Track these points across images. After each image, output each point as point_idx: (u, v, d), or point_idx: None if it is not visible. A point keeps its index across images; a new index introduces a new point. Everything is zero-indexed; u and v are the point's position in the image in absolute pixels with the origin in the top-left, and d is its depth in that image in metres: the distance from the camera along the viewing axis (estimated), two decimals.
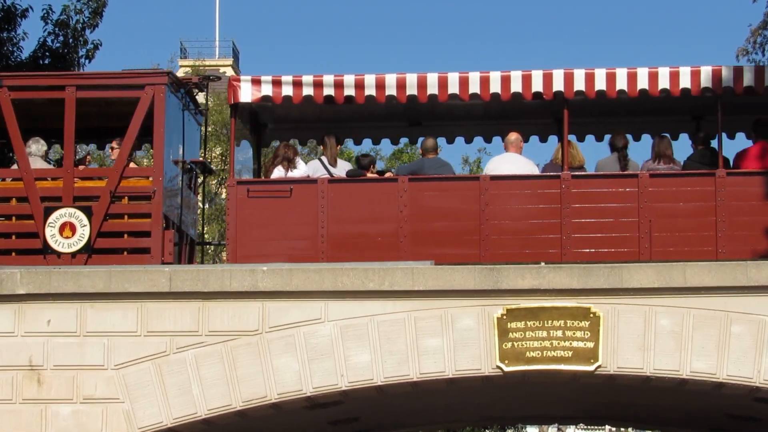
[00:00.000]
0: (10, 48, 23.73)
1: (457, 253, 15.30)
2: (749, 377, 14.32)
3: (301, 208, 15.70)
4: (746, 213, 15.30)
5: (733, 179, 15.44)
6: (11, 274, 14.74)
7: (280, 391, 14.56)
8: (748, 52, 30.25)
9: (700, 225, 15.32)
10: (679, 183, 15.54)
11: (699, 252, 15.11)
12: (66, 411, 14.62)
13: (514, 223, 15.51)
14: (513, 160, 16.13)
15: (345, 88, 15.79)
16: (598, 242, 15.35)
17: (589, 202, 15.47)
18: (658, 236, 15.28)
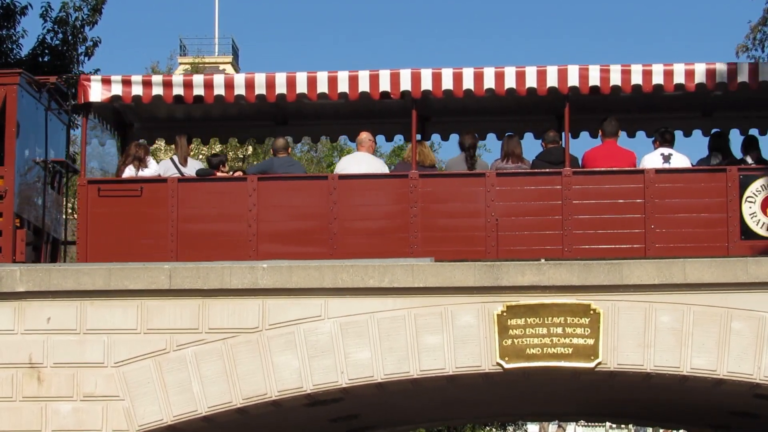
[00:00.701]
0: (10, 45, 23.71)
1: (307, 251, 15.33)
2: (749, 374, 14.32)
3: (151, 207, 15.74)
4: (592, 211, 15.32)
5: (579, 178, 15.44)
6: (11, 272, 14.74)
7: (281, 389, 14.56)
8: (747, 49, 30.28)
9: (547, 223, 15.32)
10: (526, 182, 15.55)
11: (545, 251, 15.10)
12: (66, 409, 14.62)
13: (363, 222, 15.52)
14: (362, 160, 16.13)
15: (194, 88, 15.84)
16: (446, 241, 15.34)
17: (438, 201, 15.48)
18: (504, 235, 15.29)
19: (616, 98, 15.98)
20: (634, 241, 15.19)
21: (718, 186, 15.25)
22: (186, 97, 15.90)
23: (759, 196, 15.16)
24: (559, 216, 15.30)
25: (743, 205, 15.16)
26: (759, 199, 15.16)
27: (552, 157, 15.87)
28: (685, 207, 15.28)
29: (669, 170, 15.55)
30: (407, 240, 15.36)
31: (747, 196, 15.16)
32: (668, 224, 15.22)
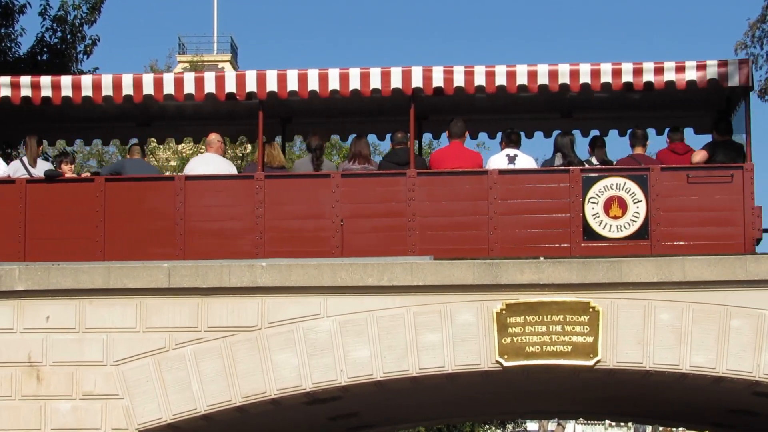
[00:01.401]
0: (8, 44, 23.71)
1: (157, 252, 15.31)
2: (749, 371, 14.32)
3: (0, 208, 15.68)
4: (437, 213, 15.29)
5: (424, 179, 15.42)
6: (10, 271, 14.74)
7: (280, 387, 14.56)
8: (746, 46, 30.24)
9: (393, 224, 15.30)
10: (372, 183, 15.54)
11: (391, 251, 15.09)
12: (65, 407, 14.62)
13: (210, 223, 15.49)
14: (210, 161, 16.14)
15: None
16: (291, 242, 15.33)
17: (284, 202, 15.48)
18: (351, 236, 15.28)
19: (479, 99, 16.01)
20: (479, 242, 15.17)
21: (561, 187, 15.26)
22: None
23: (602, 197, 15.17)
24: (404, 217, 15.30)
25: (586, 206, 15.18)
26: (602, 200, 15.17)
27: (398, 158, 15.89)
28: (529, 208, 15.28)
29: (513, 171, 15.54)
30: (253, 241, 15.34)
31: (590, 197, 15.17)
32: (512, 225, 15.20)
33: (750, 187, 15.09)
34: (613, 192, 15.15)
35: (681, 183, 15.21)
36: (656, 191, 15.13)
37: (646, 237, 15.06)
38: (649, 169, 15.27)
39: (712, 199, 15.16)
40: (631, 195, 15.15)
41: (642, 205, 15.12)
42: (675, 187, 15.19)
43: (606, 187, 15.18)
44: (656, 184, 15.15)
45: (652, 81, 15.25)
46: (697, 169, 15.28)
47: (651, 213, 15.10)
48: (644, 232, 15.09)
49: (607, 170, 15.51)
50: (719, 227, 15.08)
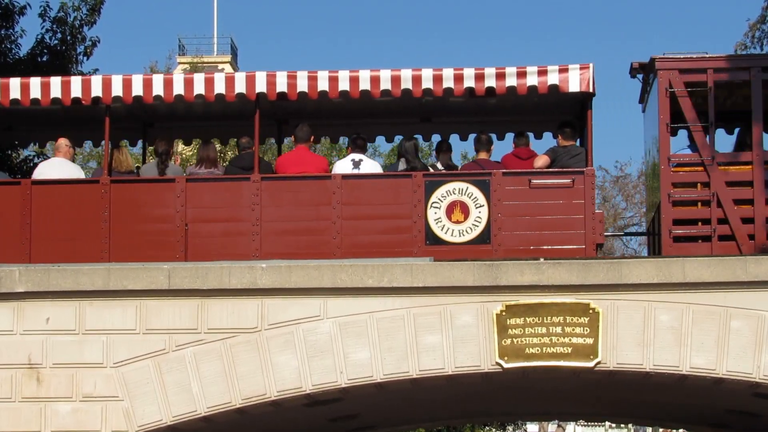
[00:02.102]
0: (8, 45, 23.73)
1: (4, 254, 15.30)
2: (749, 373, 14.31)
3: None
4: (283, 217, 15.34)
5: (268, 184, 15.45)
6: (10, 272, 14.74)
7: (280, 389, 14.56)
8: (746, 47, 30.29)
9: (238, 228, 15.32)
10: (217, 187, 15.60)
11: (236, 255, 15.13)
12: (65, 409, 14.62)
13: (57, 226, 15.47)
14: (57, 165, 16.13)
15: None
16: (137, 246, 15.32)
17: (130, 206, 15.49)
18: (196, 240, 15.30)
19: (339, 103, 16.03)
20: (324, 246, 15.22)
21: (404, 191, 15.29)
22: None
23: (444, 202, 15.23)
24: (249, 222, 15.33)
25: (428, 210, 15.22)
26: (444, 205, 15.23)
27: (243, 163, 15.98)
28: (373, 212, 15.33)
29: (356, 176, 15.59)
30: (99, 245, 15.35)
31: (432, 201, 15.22)
32: (356, 230, 15.26)
33: (591, 192, 15.19)
34: (455, 197, 15.23)
35: (523, 188, 15.29)
36: (498, 196, 15.20)
37: (488, 241, 15.15)
38: (491, 173, 15.33)
39: (554, 204, 15.22)
40: (473, 200, 15.22)
41: (484, 210, 15.20)
42: (517, 192, 15.26)
43: (448, 191, 15.25)
44: (498, 188, 15.22)
45: (494, 86, 15.32)
46: (539, 174, 15.37)
47: (493, 217, 15.17)
48: (486, 237, 15.16)
49: (450, 175, 15.64)
50: (561, 232, 15.14)
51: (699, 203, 15.43)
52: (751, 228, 15.21)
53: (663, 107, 15.57)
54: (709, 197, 15.31)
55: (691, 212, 15.42)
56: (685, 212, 15.42)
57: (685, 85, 15.52)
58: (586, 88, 15.25)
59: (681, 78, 15.52)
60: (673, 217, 15.37)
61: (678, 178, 15.50)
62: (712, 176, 15.33)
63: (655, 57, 15.66)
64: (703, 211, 15.36)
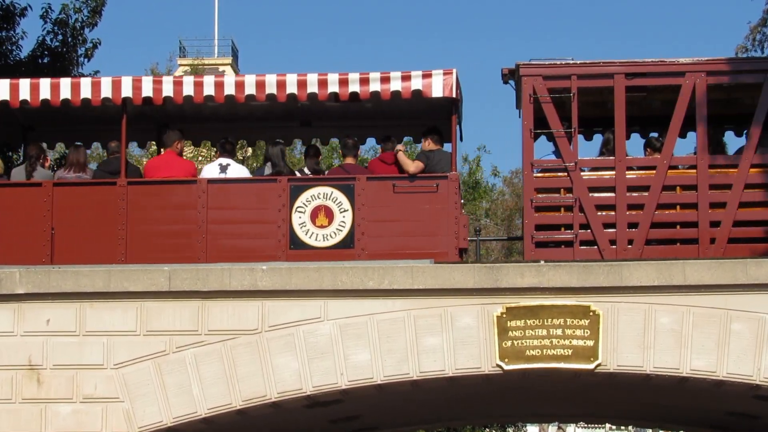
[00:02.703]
0: (9, 47, 23.73)
1: None
2: (749, 375, 14.31)
3: None
4: (151, 221, 15.41)
5: (135, 188, 15.51)
6: (10, 274, 14.75)
7: (280, 390, 14.56)
8: (747, 50, 30.28)
9: (106, 233, 15.36)
10: (85, 192, 15.62)
11: (103, 259, 15.17)
12: (66, 410, 14.62)
13: None
14: None
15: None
16: (9, 250, 15.33)
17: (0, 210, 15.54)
18: (63, 244, 15.32)
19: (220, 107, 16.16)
20: (191, 250, 15.27)
21: (270, 196, 15.38)
22: None
23: (309, 207, 15.32)
24: (117, 226, 15.36)
25: (293, 215, 15.32)
26: (309, 210, 15.32)
27: (111, 167, 16.06)
28: (238, 217, 15.39)
29: (222, 180, 15.67)
30: None
31: (297, 206, 15.32)
32: (223, 234, 15.30)
33: (455, 197, 15.27)
34: (320, 201, 15.33)
35: (387, 193, 15.36)
36: (362, 201, 15.27)
37: (351, 246, 15.24)
38: (355, 178, 15.42)
39: (418, 208, 15.30)
40: (337, 204, 15.32)
41: (348, 215, 15.29)
42: (381, 197, 15.34)
43: (313, 196, 15.36)
44: (362, 193, 15.30)
45: (358, 92, 15.41)
46: (402, 179, 15.44)
47: (357, 222, 15.24)
48: (350, 241, 15.25)
49: (315, 180, 15.76)
50: (426, 236, 15.21)
51: (562, 208, 15.51)
52: (612, 233, 15.28)
53: (526, 113, 15.65)
54: (572, 203, 15.39)
55: (552, 217, 15.51)
56: (547, 218, 15.51)
57: (549, 91, 15.60)
58: (450, 93, 15.36)
59: (545, 84, 15.61)
60: (536, 223, 15.45)
61: (541, 183, 15.59)
62: (575, 182, 15.42)
63: (520, 63, 15.77)
64: (566, 217, 15.44)
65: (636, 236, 15.22)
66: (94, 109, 16.05)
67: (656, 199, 15.28)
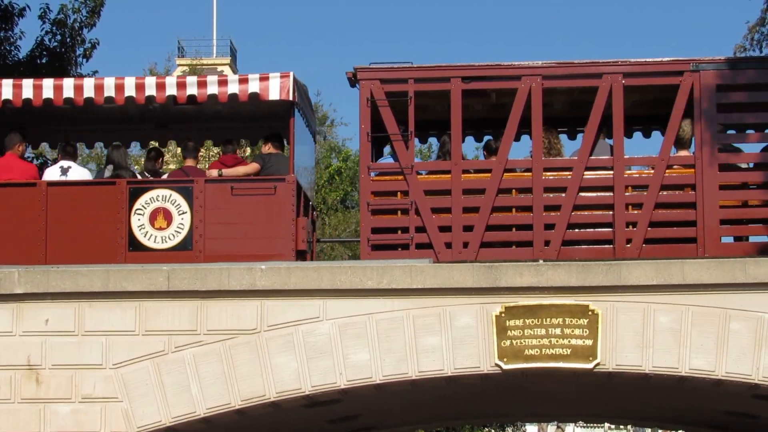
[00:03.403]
0: (8, 47, 23.74)
1: None
2: (748, 374, 14.32)
3: None
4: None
5: None
6: (9, 274, 14.74)
7: (279, 390, 14.56)
8: (745, 49, 30.27)
9: None
10: None
11: None
12: (65, 410, 14.61)
13: None
14: None
15: None
16: None
17: None
18: None
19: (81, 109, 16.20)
20: (34, 252, 15.34)
21: (110, 198, 15.47)
22: None
23: (148, 209, 15.41)
24: None
25: (132, 217, 15.42)
26: (148, 212, 15.42)
27: None
28: (79, 219, 15.47)
29: (62, 183, 15.75)
30: None
31: (136, 208, 15.42)
32: (64, 236, 15.39)
33: (292, 200, 15.38)
34: (159, 204, 15.43)
35: (226, 195, 15.48)
36: (200, 203, 15.38)
37: (189, 248, 15.38)
38: (194, 181, 15.55)
39: (256, 211, 15.44)
40: (176, 207, 15.44)
41: (187, 217, 15.43)
42: (220, 199, 15.45)
43: (152, 198, 15.47)
44: (200, 196, 15.40)
45: (195, 94, 15.54)
46: (240, 182, 15.60)
47: (195, 224, 15.37)
48: (188, 243, 15.38)
49: (153, 182, 15.88)
50: (264, 238, 15.36)
51: (399, 211, 15.60)
52: (449, 236, 15.37)
53: (364, 116, 15.76)
54: (407, 206, 15.48)
55: (388, 220, 15.61)
56: (384, 220, 15.61)
57: (386, 95, 15.69)
58: (286, 96, 15.50)
59: (383, 88, 15.70)
60: (372, 226, 15.55)
61: (378, 186, 15.68)
62: (411, 185, 15.50)
63: (357, 67, 15.86)
64: (402, 219, 15.54)
65: (472, 239, 15.34)
66: None
67: (492, 202, 15.40)
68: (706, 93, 15.36)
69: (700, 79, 15.38)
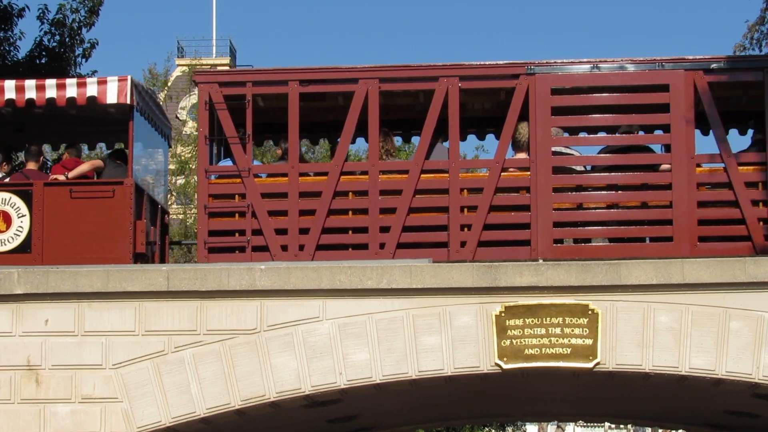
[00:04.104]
0: (7, 48, 23.73)
1: None
2: (748, 373, 14.31)
3: None
4: None
5: None
6: (9, 274, 14.74)
7: (279, 390, 14.55)
8: (745, 48, 30.26)
9: None
10: None
11: None
12: (64, 411, 14.61)
13: None
14: None
15: None
16: None
17: None
18: None
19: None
20: None
21: None
22: None
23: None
24: None
25: None
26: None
27: None
28: None
29: None
30: None
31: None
32: None
33: (130, 203, 15.45)
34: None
35: (65, 198, 15.53)
36: (39, 206, 15.42)
37: (29, 251, 15.42)
38: (32, 184, 15.60)
39: (95, 214, 15.50)
40: (15, 209, 15.48)
41: (26, 220, 15.47)
42: (59, 203, 15.48)
43: (2, 200, 15.52)
44: (39, 199, 15.43)
45: (34, 98, 15.64)
46: (79, 185, 15.69)
47: (34, 227, 15.41)
48: (27, 246, 15.43)
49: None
50: (103, 241, 15.42)
51: (237, 214, 15.67)
52: (285, 239, 15.44)
53: (202, 120, 15.90)
54: (245, 208, 15.56)
55: (225, 223, 15.67)
56: (221, 223, 15.67)
57: (225, 98, 15.78)
58: (124, 99, 15.60)
59: (221, 91, 15.80)
60: (209, 228, 15.60)
61: (216, 189, 15.76)
62: (248, 187, 15.58)
63: (196, 71, 16.17)
64: (239, 222, 15.61)
65: (308, 241, 15.41)
66: None
67: (328, 205, 15.47)
68: (540, 96, 15.43)
69: (536, 83, 15.43)
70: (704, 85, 15.32)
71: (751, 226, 15.07)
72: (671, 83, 15.36)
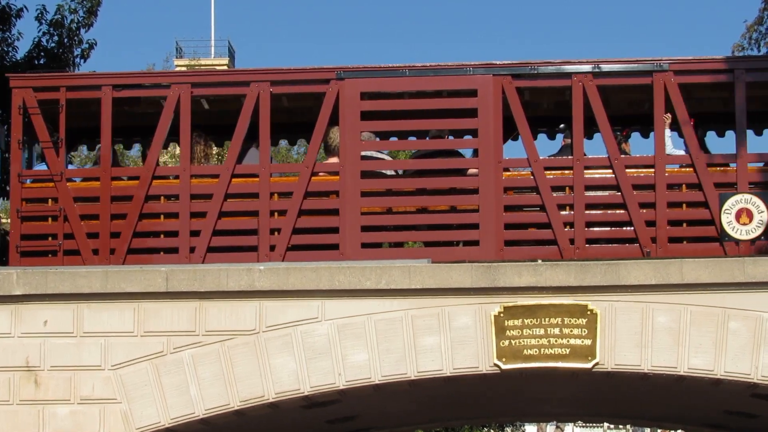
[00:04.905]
0: (5, 48, 23.69)
1: None
2: (747, 373, 14.32)
3: None
4: None
5: None
6: (8, 275, 14.74)
7: (278, 391, 14.55)
8: (743, 48, 30.30)
9: None
10: None
11: None
12: (63, 411, 14.61)
13: None
14: None
15: None
16: None
17: None
18: None
19: None
20: None
21: None
22: None
23: None
24: None
25: None
26: None
27: None
28: None
29: None
30: None
31: None
32: None
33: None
34: None
35: None
36: None
37: None
38: None
39: None
40: None
41: None
42: None
43: None
44: None
45: None
46: None
47: None
48: None
49: None
50: None
51: (50, 218, 15.71)
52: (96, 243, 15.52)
53: (16, 124, 15.90)
54: (57, 212, 15.60)
55: (37, 227, 15.73)
56: (34, 227, 15.73)
57: (39, 102, 15.82)
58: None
59: (35, 96, 15.84)
60: (22, 232, 15.66)
61: (29, 193, 15.82)
62: (61, 192, 15.63)
63: (11, 75, 16.12)
64: (52, 227, 15.64)
65: (118, 245, 15.49)
66: None
67: (139, 209, 15.56)
68: (350, 101, 15.49)
69: (345, 88, 15.50)
70: (512, 91, 15.41)
71: (557, 231, 15.18)
72: (479, 88, 15.45)
